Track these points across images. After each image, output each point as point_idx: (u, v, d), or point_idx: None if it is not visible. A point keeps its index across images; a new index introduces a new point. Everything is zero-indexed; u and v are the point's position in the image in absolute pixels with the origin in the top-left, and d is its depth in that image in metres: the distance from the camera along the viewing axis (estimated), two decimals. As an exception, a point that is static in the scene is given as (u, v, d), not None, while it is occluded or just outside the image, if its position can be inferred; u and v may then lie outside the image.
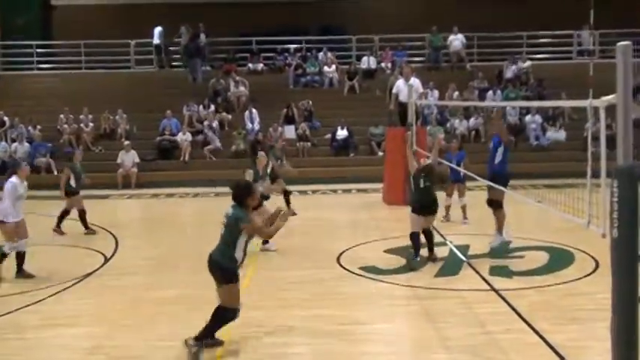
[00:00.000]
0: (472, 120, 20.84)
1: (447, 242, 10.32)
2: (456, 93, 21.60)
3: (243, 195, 6.36)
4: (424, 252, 9.37)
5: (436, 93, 21.31)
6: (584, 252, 9.56)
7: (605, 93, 5.00)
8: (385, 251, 10.05)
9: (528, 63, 23.68)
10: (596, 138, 5.70)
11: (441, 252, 9.72)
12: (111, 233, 12.09)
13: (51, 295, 8.16)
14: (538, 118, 20.72)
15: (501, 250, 9.92)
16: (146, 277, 9.09)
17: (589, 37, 23.89)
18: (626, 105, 4.63)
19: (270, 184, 11.33)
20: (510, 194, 9.27)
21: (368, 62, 24.38)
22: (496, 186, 9.12)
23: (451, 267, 9.18)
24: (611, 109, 4.92)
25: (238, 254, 6.26)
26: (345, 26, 26.57)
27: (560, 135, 20.38)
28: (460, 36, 24.48)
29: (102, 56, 24.59)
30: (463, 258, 9.57)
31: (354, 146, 20.34)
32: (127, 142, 19.18)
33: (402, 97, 15.03)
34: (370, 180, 16.99)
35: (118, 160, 18.80)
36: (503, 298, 7.58)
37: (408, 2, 28.95)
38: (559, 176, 13.59)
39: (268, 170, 11.29)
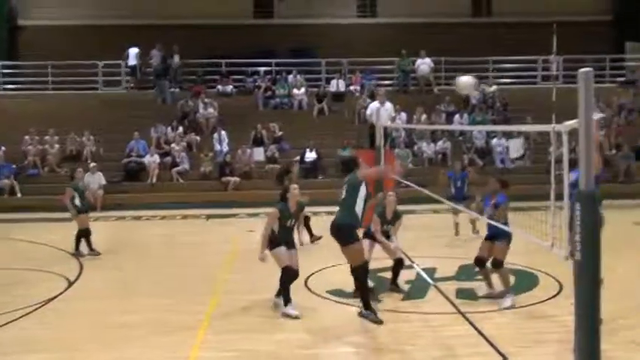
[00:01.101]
0: (439, 143, 21.06)
1: (414, 265, 10.34)
2: (424, 116, 21.83)
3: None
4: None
5: (404, 116, 21.51)
6: (548, 274, 9.65)
7: (569, 117, 5.09)
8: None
9: (494, 87, 24.07)
10: (559, 161, 5.79)
11: (408, 275, 9.72)
12: (76, 257, 11.87)
13: (11, 321, 7.95)
14: (504, 141, 21.01)
15: (468, 274, 9.97)
16: (110, 302, 8.92)
17: (554, 62, 24.38)
18: (588, 130, 4.72)
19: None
20: (476, 216, 9.33)
21: (337, 85, 24.56)
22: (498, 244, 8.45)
23: (418, 290, 9.18)
24: (574, 133, 5.00)
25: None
26: (314, 49, 26.77)
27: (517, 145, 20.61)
28: (428, 60, 24.82)
29: (69, 77, 24.34)
30: (430, 281, 9.58)
31: (322, 168, 20.37)
32: (93, 164, 18.94)
33: (379, 120, 15.16)
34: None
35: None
36: (470, 321, 7.60)
37: (377, 26, 29.28)
38: (523, 199, 13.70)
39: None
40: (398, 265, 9.09)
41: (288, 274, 8.08)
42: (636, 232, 13.76)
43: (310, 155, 20.28)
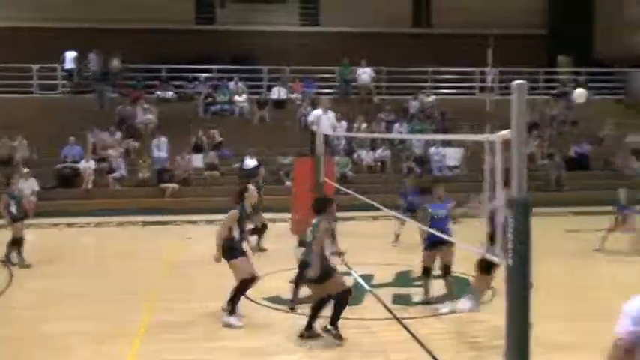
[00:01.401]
0: (379, 151, 21.30)
1: (352, 272, 10.40)
2: (364, 125, 22.05)
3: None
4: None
5: (344, 124, 21.65)
6: (483, 280, 9.83)
7: (504, 127, 5.21)
8: (291, 281, 9.99)
9: (433, 97, 24.53)
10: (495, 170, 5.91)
11: (346, 282, 9.74)
12: (6, 265, 11.47)
13: None
14: (442, 150, 21.39)
15: (405, 280, 10.09)
16: (41, 311, 8.65)
17: (489, 74, 25.03)
18: (520, 140, 4.84)
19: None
20: (412, 223, 9.46)
21: (278, 92, 24.57)
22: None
23: (355, 296, 9.21)
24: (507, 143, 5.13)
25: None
26: (256, 56, 26.72)
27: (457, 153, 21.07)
28: (369, 69, 25.10)
29: (3, 80, 23.59)
30: (367, 287, 9.66)
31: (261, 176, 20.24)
32: (26, 170, 18.33)
33: (321, 128, 15.17)
34: (278, 210, 16.96)
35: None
36: (405, 327, 7.70)
37: (318, 35, 29.46)
38: (459, 206, 13.96)
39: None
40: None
41: (246, 287, 7.97)
42: (567, 239, 14.19)
43: (250, 162, 20.17)
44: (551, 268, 10.22)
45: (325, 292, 7.32)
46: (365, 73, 25.09)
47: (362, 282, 9.91)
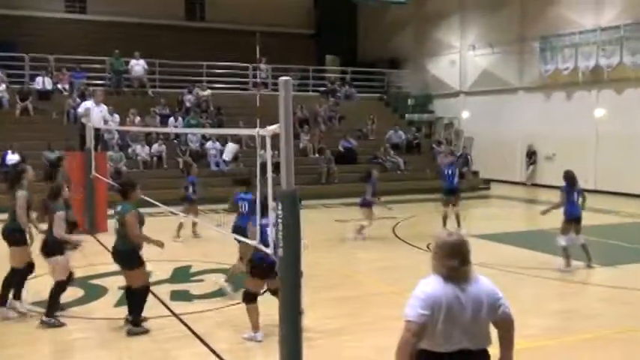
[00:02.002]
0: (155, 146, 20.86)
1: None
2: (138, 118, 21.44)
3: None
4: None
5: (117, 117, 20.82)
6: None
7: (274, 122, 5.40)
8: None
9: (208, 91, 24.55)
10: (272, 164, 6.12)
11: (115, 282, 9.45)
12: None
13: None
14: (218, 144, 21.52)
15: (183, 276, 10.06)
16: None
17: (260, 70, 25.65)
18: (287, 134, 5.07)
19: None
20: (191, 218, 9.45)
21: (43, 83, 22.92)
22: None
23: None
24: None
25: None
26: (16, 43, 24.61)
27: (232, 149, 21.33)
28: (142, 61, 24.40)
29: None
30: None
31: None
32: None
33: (91, 121, 14.43)
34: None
35: None
36: (183, 322, 7.69)
37: (87, 23, 28.06)
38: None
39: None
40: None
41: (63, 288, 7.71)
42: (338, 228, 15.08)
43: (12, 157, 18.63)
44: (321, 258, 10.81)
45: (130, 281, 7.38)
46: (138, 65, 24.35)
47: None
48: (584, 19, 22.49)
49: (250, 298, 7.07)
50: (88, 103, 15.22)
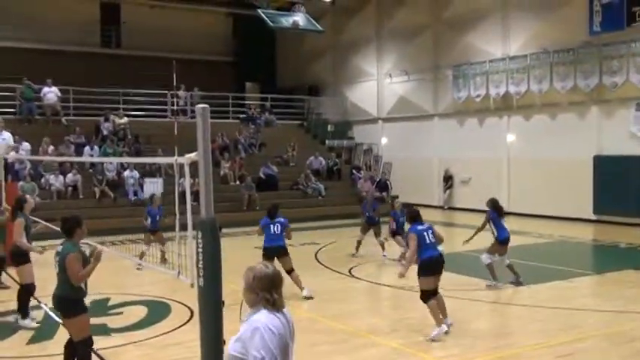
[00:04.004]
0: (69, 175, 20.22)
1: (42, 305, 9.72)
2: (51, 147, 20.76)
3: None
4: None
5: (27, 145, 20.11)
6: (179, 302, 9.94)
7: (192, 150, 5.34)
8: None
9: (125, 119, 24.08)
10: (192, 193, 6.05)
11: (36, 316, 9.10)
12: None
13: None
14: (136, 173, 21.09)
15: (101, 309, 9.75)
16: None
17: (177, 98, 25.42)
18: (206, 162, 5.02)
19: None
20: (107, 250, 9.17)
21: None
22: None
23: (47, 331, 8.65)
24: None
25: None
26: None
27: (158, 185, 20.89)
28: (55, 89, 23.68)
29: None
30: (59, 320, 9.08)
31: None
32: None
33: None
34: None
35: None
36: (101, 357, 7.44)
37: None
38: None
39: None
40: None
41: (30, 290, 8.47)
42: (258, 255, 14.95)
43: None
44: (241, 286, 10.68)
45: (70, 331, 6.46)
46: (51, 93, 23.61)
47: (53, 315, 9.29)
48: (493, 48, 23.50)
49: (427, 296, 7.72)
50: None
